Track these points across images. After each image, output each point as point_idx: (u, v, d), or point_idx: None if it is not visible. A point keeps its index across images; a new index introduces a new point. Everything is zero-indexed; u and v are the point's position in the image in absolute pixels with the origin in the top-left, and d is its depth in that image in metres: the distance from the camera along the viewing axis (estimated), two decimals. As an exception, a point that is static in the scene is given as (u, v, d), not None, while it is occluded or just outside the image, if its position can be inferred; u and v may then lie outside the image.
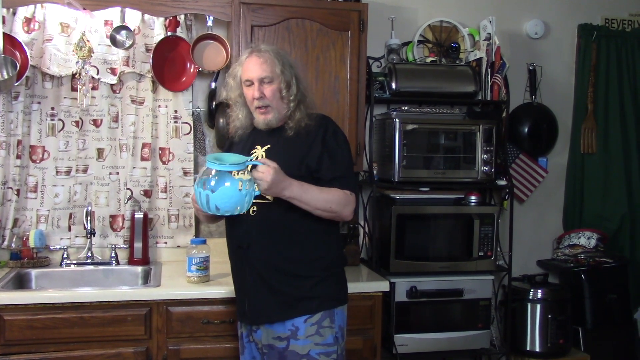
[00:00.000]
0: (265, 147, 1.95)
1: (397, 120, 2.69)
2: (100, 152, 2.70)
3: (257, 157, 1.91)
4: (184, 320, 2.25)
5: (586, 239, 3.19)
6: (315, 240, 1.91)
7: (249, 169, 1.78)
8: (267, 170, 1.75)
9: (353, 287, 2.19)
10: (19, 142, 2.59)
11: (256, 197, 1.80)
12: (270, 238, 1.88)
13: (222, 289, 2.29)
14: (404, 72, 2.83)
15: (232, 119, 2.05)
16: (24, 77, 2.53)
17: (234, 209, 1.71)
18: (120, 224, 2.73)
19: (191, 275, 2.36)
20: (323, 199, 1.85)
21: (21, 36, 2.54)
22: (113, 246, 2.68)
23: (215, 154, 1.82)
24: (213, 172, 1.73)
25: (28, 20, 2.56)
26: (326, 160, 1.90)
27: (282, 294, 1.88)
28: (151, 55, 2.63)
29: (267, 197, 1.85)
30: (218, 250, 2.49)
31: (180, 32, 2.68)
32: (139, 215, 2.67)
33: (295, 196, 1.81)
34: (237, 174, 1.79)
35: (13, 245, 2.60)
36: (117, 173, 2.72)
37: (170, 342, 2.25)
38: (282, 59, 1.93)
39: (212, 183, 1.71)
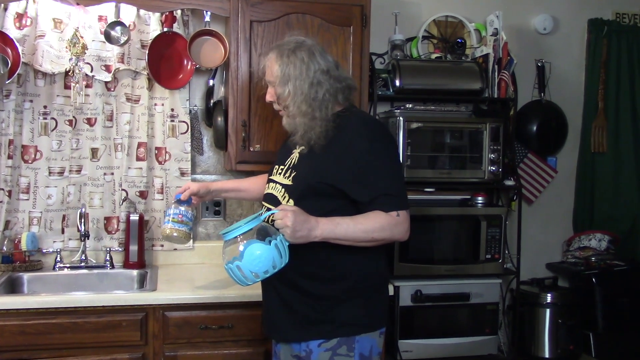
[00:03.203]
0: (300, 149, 1.85)
1: (401, 118, 2.68)
2: (94, 152, 2.70)
3: (291, 162, 1.86)
4: (181, 325, 2.24)
5: (597, 241, 3.19)
6: (340, 257, 1.76)
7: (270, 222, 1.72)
8: (284, 214, 1.64)
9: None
10: (11, 142, 2.59)
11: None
12: (290, 253, 1.72)
13: (220, 292, 2.29)
14: (408, 68, 2.82)
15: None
16: (16, 74, 2.51)
17: (270, 266, 1.63)
18: (115, 226, 2.73)
19: (165, 227, 2.18)
20: (361, 230, 1.70)
21: (13, 32, 2.53)
22: (108, 249, 2.68)
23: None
24: (239, 245, 1.66)
25: (20, 16, 2.55)
26: (358, 180, 1.72)
27: (297, 313, 1.79)
28: (147, 52, 2.61)
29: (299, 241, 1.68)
30: (217, 252, 2.48)
31: (176, 27, 2.67)
32: (134, 217, 2.65)
33: (327, 235, 1.68)
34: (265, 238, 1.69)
35: (4, 248, 2.59)
36: (112, 173, 2.72)
37: (167, 348, 2.24)
38: (281, 52, 1.82)
39: (241, 248, 1.66)
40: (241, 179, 2.39)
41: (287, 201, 1.81)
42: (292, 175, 1.83)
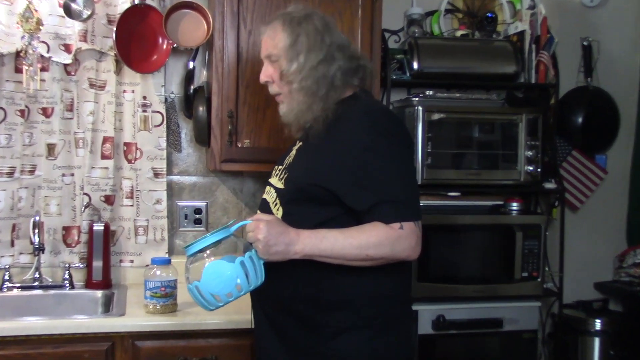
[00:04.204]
0: (298, 145, 1.81)
1: (419, 108, 2.63)
2: (51, 148, 2.61)
3: (288, 161, 1.80)
4: (154, 357, 2.15)
5: (655, 256, 3.10)
6: (347, 278, 1.65)
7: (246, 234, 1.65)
8: (256, 226, 1.57)
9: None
10: (-49, 137, 2.51)
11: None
12: (283, 272, 1.65)
13: (201, 318, 2.17)
14: (428, 48, 2.78)
15: None
16: (-43, 55, 2.43)
17: (232, 287, 1.56)
18: (76, 238, 2.63)
19: (147, 303, 2.23)
20: (352, 246, 1.58)
21: (-47, 5, 2.44)
22: (66, 265, 2.58)
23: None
24: (205, 261, 1.61)
25: (-38, -14, 2.47)
26: (356, 184, 1.62)
27: (292, 343, 1.71)
28: (114, 29, 2.52)
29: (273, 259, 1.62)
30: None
31: (150, -1, 2.60)
32: (98, 227, 2.57)
33: (309, 251, 1.59)
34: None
35: (-57, 264, 2.51)
36: (72, 174, 2.63)
37: (138, 385, 2.16)
38: (290, 19, 1.74)
39: (207, 265, 1.62)
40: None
41: (277, 208, 1.73)
42: (285, 177, 1.76)
